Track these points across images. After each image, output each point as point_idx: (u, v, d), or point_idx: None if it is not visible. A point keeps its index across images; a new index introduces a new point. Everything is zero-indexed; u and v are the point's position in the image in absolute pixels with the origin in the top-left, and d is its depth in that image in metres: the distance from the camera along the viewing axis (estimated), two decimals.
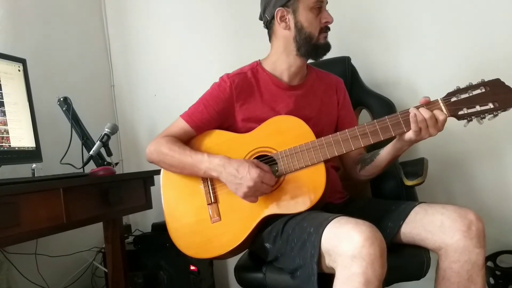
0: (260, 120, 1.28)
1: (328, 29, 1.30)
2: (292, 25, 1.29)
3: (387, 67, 1.74)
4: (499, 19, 1.58)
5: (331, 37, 1.32)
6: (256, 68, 1.36)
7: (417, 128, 1.09)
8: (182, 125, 1.31)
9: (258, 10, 1.37)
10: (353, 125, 1.18)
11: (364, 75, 1.66)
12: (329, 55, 1.66)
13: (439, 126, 1.09)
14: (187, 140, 1.32)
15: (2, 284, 1.58)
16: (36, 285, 1.68)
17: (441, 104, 1.10)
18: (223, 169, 1.18)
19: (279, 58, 1.33)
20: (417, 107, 1.10)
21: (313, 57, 1.32)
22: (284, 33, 1.31)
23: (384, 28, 1.74)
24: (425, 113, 1.08)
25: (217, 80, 1.35)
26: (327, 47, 1.31)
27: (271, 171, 1.18)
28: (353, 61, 1.66)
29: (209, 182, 1.27)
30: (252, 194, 1.16)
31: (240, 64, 1.41)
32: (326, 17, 1.28)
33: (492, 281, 1.51)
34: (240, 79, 1.32)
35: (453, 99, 1.10)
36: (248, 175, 1.13)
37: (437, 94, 1.14)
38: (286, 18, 1.29)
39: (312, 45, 1.29)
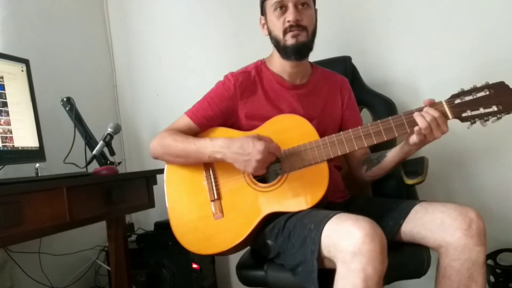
0: (263, 119, 1.29)
1: (298, 27, 1.23)
2: (267, 31, 1.32)
3: (388, 66, 1.74)
4: (501, 19, 1.57)
5: (332, 37, 1.32)
6: (260, 67, 1.37)
7: (422, 137, 1.10)
8: (186, 122, 1.33)
9: (257, 11, 1.38)
10: (358, 126, 1.18)
11: (365, 75, 1.67)
12: (329, 55, 1.67)
13: (442, 128, 1.09)
14: None
15: (5, 283, 1.59)
16: (39, 283, 1.69)
17: (445, 106, 1.10)
18: (227, 149, 1.19)
19: (276, 60, 1.35)
20: (421, 109, 1.11)
21: (292, 59, 1.28)
22: (269, 38, 1.34)
23: (385, 28, 1.75)
24: (428, 114, 1.09)
25: (219, 79, 1.36)
26: (295, 48, 1.25)
27: (272, 140, 1.18)
28: (353, 61, 1.66)
29: (212, 179, 1.28)
30: (262, 167, 1.16)
31: (240, 64, 1.42)
32: (287, 15, 1.23)
33: (492, 279, 1.51)
34: (244, 77, 1.33)
35: (457, 101, 1.10)
36: (255, 149, 1.13)
37: (437, 94, 1.14)
38: (265, 25, 1.33)
39: (281, 48, 1.28)
